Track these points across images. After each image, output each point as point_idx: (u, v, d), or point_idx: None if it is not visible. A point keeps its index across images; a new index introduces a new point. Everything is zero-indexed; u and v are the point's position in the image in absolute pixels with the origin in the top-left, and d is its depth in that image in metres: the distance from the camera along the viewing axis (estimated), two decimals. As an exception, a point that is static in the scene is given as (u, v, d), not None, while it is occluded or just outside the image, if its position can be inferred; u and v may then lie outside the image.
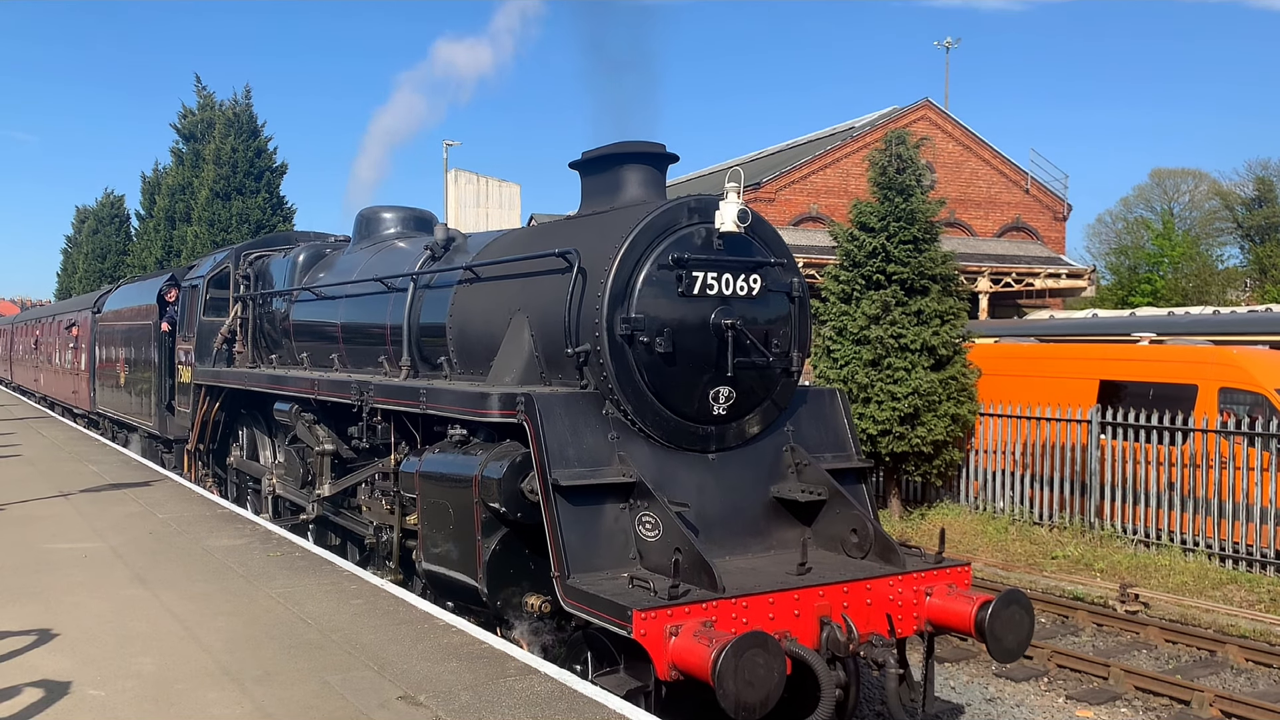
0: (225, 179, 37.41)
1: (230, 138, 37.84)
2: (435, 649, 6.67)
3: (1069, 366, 17.06)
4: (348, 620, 7.33)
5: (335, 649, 6.67)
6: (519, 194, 49.34)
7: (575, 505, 6.96)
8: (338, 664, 6.38)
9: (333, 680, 6.06)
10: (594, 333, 7.34)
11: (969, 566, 7.51)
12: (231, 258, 13.62)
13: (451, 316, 8.97)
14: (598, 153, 8.34)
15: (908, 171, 17.01)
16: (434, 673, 6.19)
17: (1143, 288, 50.75)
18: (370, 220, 11.82)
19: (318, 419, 10.49)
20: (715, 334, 7.49)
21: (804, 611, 6.73)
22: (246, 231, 35.66)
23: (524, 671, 6.29)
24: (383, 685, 5.97)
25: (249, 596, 8.00)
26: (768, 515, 7.74)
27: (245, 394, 12.69)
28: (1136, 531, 14.90)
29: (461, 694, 5.82)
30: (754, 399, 7.76)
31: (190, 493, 13.12)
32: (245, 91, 39.42)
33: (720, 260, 7.55)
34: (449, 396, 8.02)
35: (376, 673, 6.20)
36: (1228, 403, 14.55)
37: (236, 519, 11.22)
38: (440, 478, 7.86)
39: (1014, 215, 42.57)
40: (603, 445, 7.27)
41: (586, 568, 6.85)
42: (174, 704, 5.76)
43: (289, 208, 40.26)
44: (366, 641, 6.82)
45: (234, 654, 6.61)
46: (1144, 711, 9.74)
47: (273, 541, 10.04)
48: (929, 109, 40.92)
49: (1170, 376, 15.50)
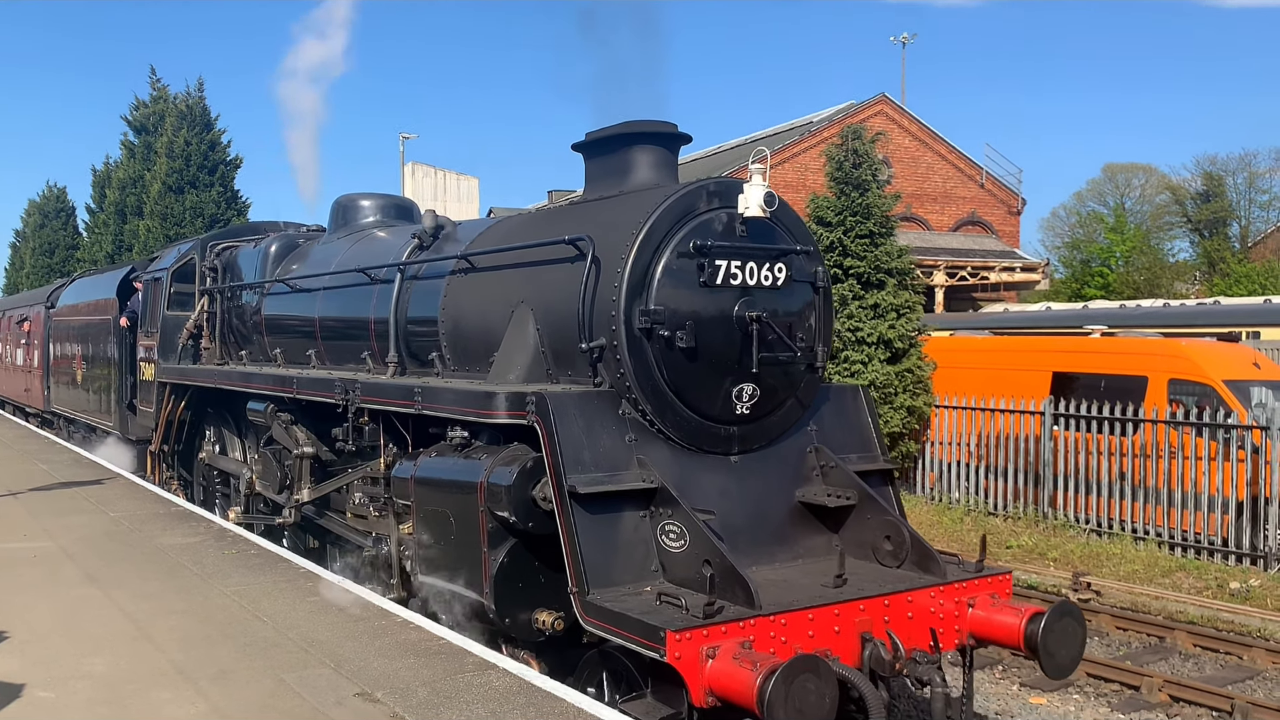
0: (178, 172, 36.69)
1: (183, 130, 37.13)
2: (392, 645, 6.50)
3: (1023, 359, 17.14)
4: (304, 617, 7.10)
5: (291, 647, 6.49)
6: (477, 187, 48.42)
7: (592, 514, 6.29)
8: (294, 662, 6.22)
9: (289, 678, 5.92)
10: (610, 326, 6.67)
11: (1010, 575, 6.93)
12: (197, 249, 12.75)
13: (444, 310, 8.24)
14: (604, 133, 7.65)
15: (864, 166, 16.99)
16: (391, 669, 6.05)
17: (1095, 281, 50.80)
18: (347, 208, 11.03)
19: (295, 419, 9.71)
20: (739, 327, 6.85)
21: (844, 628, 6.12)
22: (200, 225, 34.83)
23: (482, 667, 6.12)
24: (340, 682, 5.84)
25: (203, 595, 7.75)
26: (793, 521, 7.10)
27: (214, 393, 11.85)
28: (1089, 521, 14.96)
29: (419, 690, 5.70)
30: (778, 397, 7.12)
31: (143, 490, 12.72)
32: (198, 84, 38.62)
33: (744, 248, 6.90)
34: (448, 396, 7.29)
35: (333, 670, 6.05)
36: (1177, 393, 14.68)
37: (190, 517, 10.90)
38: (439, 484, 7.14)
39: (969, 209, 42.40)
40: (620, 448, 6.60)
41: (606, 582, 6.19)
42: (127, 705, 5.60)
43: (244, 201, 39.58)
44: (323, 639, 6.62)
45: (188, 653, 6.42)
46: (1095, 698, 9.61)
47: (227, 539, 9.74)
48: (885, 104, 40.61)
49: (1121, 368, 15.64)
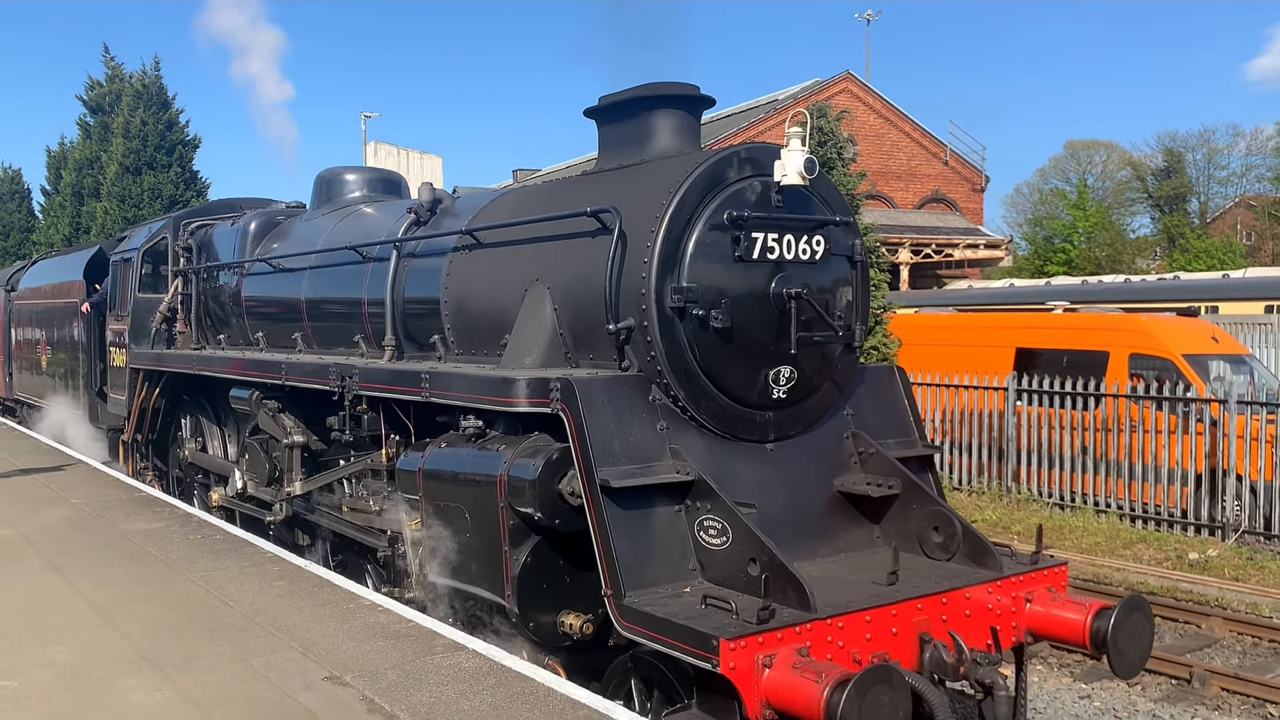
0: (135, 153, 35.72)
1: (140, 110, 36.16)
2: (362, 629, 6.36)
3: (986, 335, 17.17)
4: (271, 602, 6.94)
5: (259, 631, 6.35)
6: (440, 166, 47.29)
7: (625, 509, 5.72)
8: (262, 646, 6.08)
9: (257, 663, 5.80)
10: (639, 305, 6.07)
11: (1065, 566, 6.42)
12: (169, 228, 11.95)
13: (446, 289, 7.60)
14: (621, 96, 7.03)
15: (829, 144, 16.66)
16: (360, 652, 5.93)
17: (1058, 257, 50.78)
18: (331, 182, 10.31)
19: (283, 407, 9.02)
20: (776, 305, 6.27)
21: (902, 629, 5.60)
22: (159, 207, 33.97)
23: (452, 649, 5.99)
24: (308, 666, 5.73)
25: (168, 581, 7.53)
26: (832, 513, 6.57)
27: (191, 379, 11.12)
28: (1052, 494, 15.03)
29: (389, 673, 5.60)
30: (815, 380, 6.57)
31: (105, 476, 12.21)
32: (155, 63, 37.51)
33: (781, 219, 6.33)
34: (460, 382, 6.66)
35: (302, 654, 5.93)
36: (1137, 368, 14.82)
37: (154, 502, 10.54)
38: (453, 477, 6.53)
39: (933, 187, 42.17)
40: (652, 437, 6.02)
41: (641, 583, 5.62)
42: (92, 692, 5.44)
43: (203, 182, 38.70)
44: (291, 623, 6.49)
45: (154, 640, 6.25)
46: (1058, 668, 9.66)
47: (192, 524, 9.45)
48: (850, 82, 40.23)
49: (1083, 344, 15.70)
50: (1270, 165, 58.29)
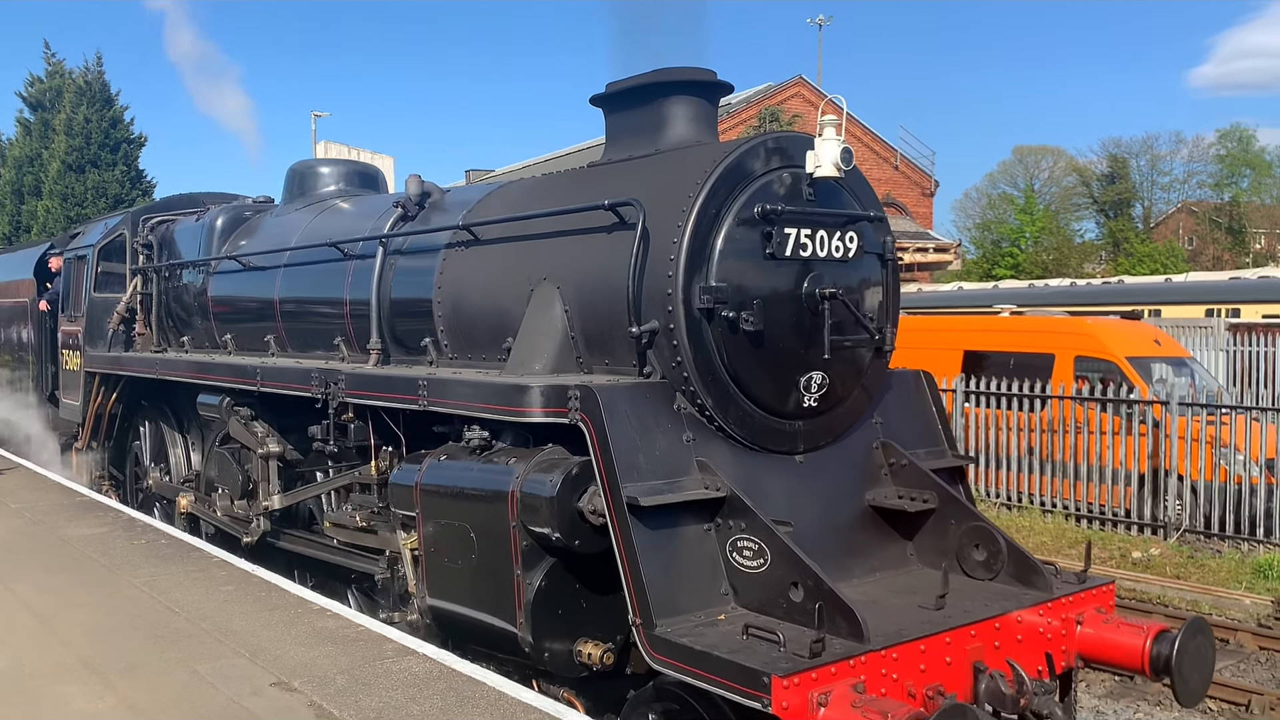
0: (78, 150, 34.97)
1: (83, 107, 35.40)
2: (310, 634, 6.22)
3: (935, 338, 17.03)
4: (217, 607, 6.78)
5: (205, 637, 6.21)
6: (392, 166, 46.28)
7: (653, 529, 5.17)
8: (208, 652, 5.95)
9: (203, 669, 5.66)
10: (665, 307, 5.53)
11: (1113, 585, 5.97)
12: (127, 223, 11.16)
13: (440, 288, 7.00)
14: (631, 82, 6.48)
15: None
16: (308, 658, 5.80)
17: (1005, 261, 51.00)
18: (305, 175, 9.63)
19: (256, 414, 8.34)
20: (808, 306, 5.76)
21: (956, 658, 5.12)
22: (104, 206, 33.14)
23: (401, 653, 5.87)
24: (255, 672, 5.60)
25: (112, 586, 7.33)
26: (864, 528, 6.07)
27: (151, 384, 10.37)
28: (999, 494, 15.07)
29: (337, 678, 5.48)
30: (846, 387, 6.07)
31: (46, 481, 11.80)
32: (97, 59, 36.65)
33: (813, 214, 5.82)
34: (464, 390, 6.06)
35: (249, 660, 5.80)
36: (1083, 370, 14.85)
37: (97, 507, 10.23)
38: (455, 493, 5.94)
39: (884, 191, 41.83)
40: (678, 450, 5.49)
41: (672, 610, 5.09)
42: (31, 700, 5.30)
43: (149, 181, 37.86)
44: (238, 628, 6.34)
45: (96, 646, 6.08)
46: None
47: (136, 529, 9.17)
48: (802, 86, 39.96)
49: (1029, 346, 15.76)
50: (1211, 172, 59.28)
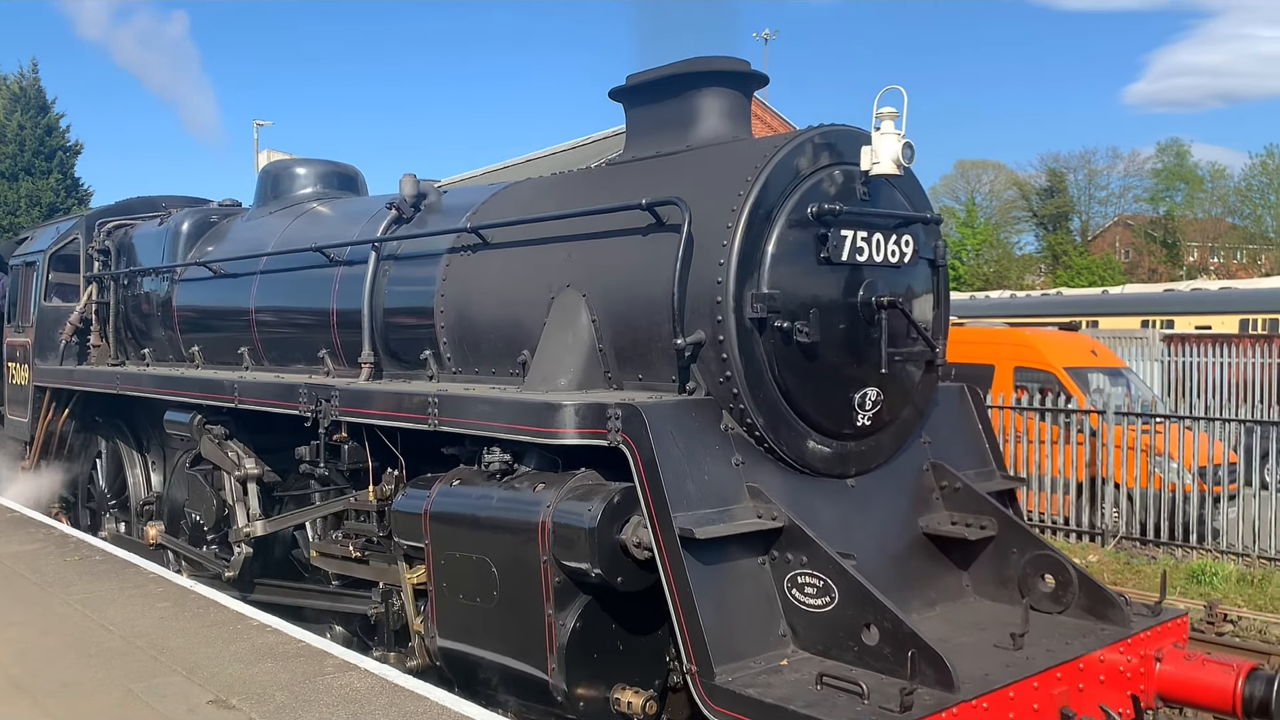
0: (11, 158, 34.36)
1: (16, 114, 34.51)
2: (249, 650, 6.01)
3: None
4: (153, 624, 6.52)
5: (140, 655, 5.97)
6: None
7: (706, 565, 4.59)
8: (143, 671, 5.72)
9: (137, 688, 5.43)
10: (714, 317, 4.95)
11: (1187, 617, 5.48)
12: (81, 228, 10.31)
13: (443, 296, 6.36)
14: (658, 74, 5.92)
15: None
16: (248, 674, 5.61)
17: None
18: (279, 177, 8.89)
19: (230, 433, 7.61)
20: (864, 316, 5.21)
21: (1043, 704, 4.61)
22: (37, 214, 32.37)
23: (343, 668, 5.66)
24: (192, 690, 5.40)
25: (43, 605, 7.05)
26: (917, 557, 5.55)
27: (108, 399, 9.56)
28: None
29: (277, 694, 5.28)
30: (899, 404, 5.53)
31: None
32: (32, 65, 35.93)
33: (870, 216, 5.27)
34: (482, 408, 5.40)
35: (185, 677, 5.59)
36: (1022, 380, 14.73)
37: (28, 523, 9.82)
38: (474, 522, 5.30)
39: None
40: (727, 475, 4.92)
41: (730, 655, 4.52)
42: None
43: (85, 190, 36.99)
44: (174, 645, 6.10)
45: (26, 666, 5.84)
46: None
47: (69, 545, 8.80)
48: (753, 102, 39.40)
49: (970, 356, 15.22)
50: (1147, 186, 60.10)
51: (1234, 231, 60.44)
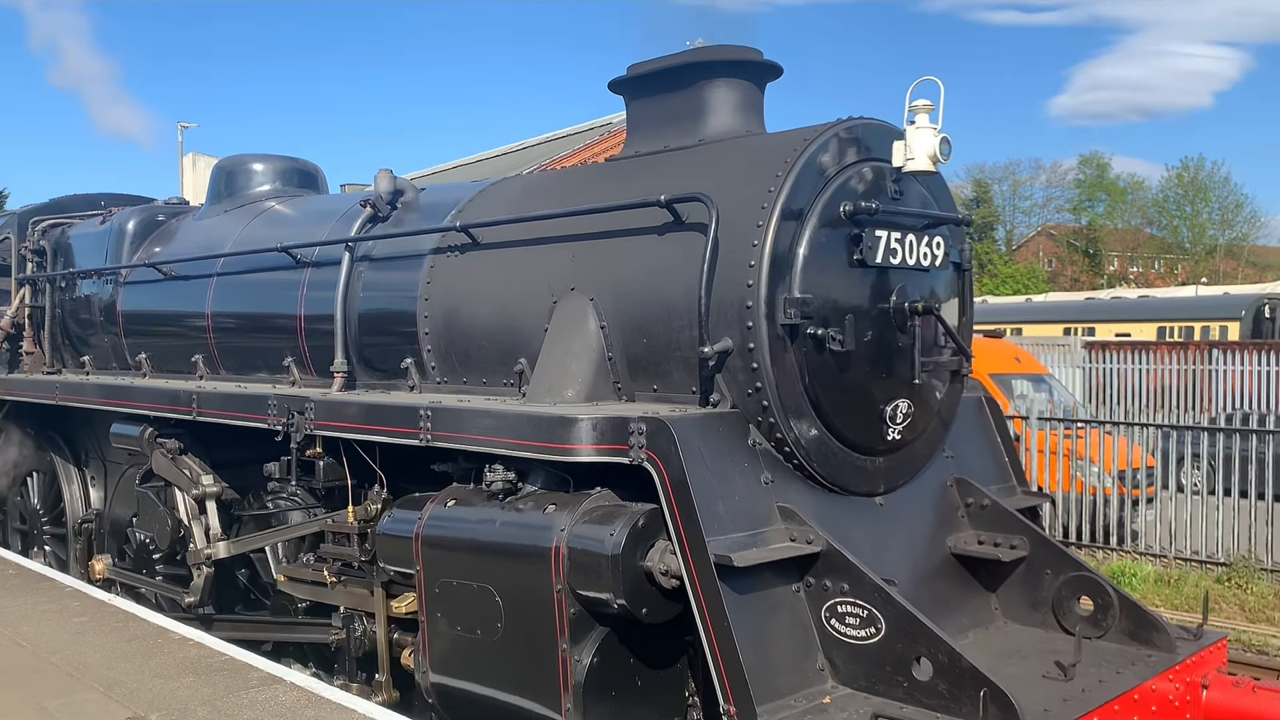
0: None
1: None
2: (170, 664, 5.81)
3: None
4: (69, 640, 6.32)
5: (54, 672, 5.79)
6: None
7: (740, 594, 4.17)
8: (57, 688, 5.54)
9: (51, 706, 5.27)
10: (744, 323, 4.54)
11: (1226, 641, 5.20)
12: (12, 227, 9.56)
13: (427, 300, 5.85)
14: (665, 63, 5.49)
15: None
16: (168, 689, 5.42)
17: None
18: (234, 174, 8.26)
19: (185, 448, 7.01)
20: (896, 322, 4.84)
21: (1102, 739, 4.22)
22: None
23: (267, 681, 5.50)
24: (109, 707, 5.24)
25: None
26: (946, 579, 5.19)
27: (42, 410, 8.86)
28: None
29: (199, 709, 5.12)
30: (927, 415, 5.16)
31: None
32: None
33: (898, 215, 4.90)
34: (485, 422, 4.90)
35: (103, 694, 5.41)
36: None
37: None
38: (473, 547, 4.81)
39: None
40: (757, 494, 4.52)
41: (770, 694, 4.10)
42: None
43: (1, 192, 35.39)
44: (91, 661, 5.90)
45: None
46: None
47: None
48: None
49: None
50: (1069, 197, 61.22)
51: (1152, 242, 61.82)
